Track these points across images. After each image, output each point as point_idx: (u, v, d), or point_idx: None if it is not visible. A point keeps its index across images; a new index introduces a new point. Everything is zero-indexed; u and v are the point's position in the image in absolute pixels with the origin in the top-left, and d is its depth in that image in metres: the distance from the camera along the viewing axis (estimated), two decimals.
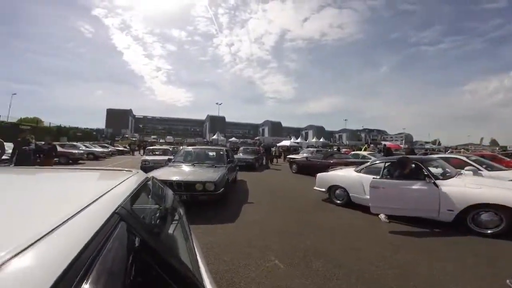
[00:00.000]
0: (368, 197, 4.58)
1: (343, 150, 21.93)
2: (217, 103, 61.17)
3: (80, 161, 15.16)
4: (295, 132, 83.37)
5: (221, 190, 5.10)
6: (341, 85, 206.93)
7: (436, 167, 5.03)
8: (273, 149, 19.20)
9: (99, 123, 73.73)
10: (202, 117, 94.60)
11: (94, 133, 44.77)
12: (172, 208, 1.56)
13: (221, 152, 7.45)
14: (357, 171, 5.73)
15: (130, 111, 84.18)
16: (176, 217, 1.49)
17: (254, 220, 4.46)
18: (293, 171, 12.53)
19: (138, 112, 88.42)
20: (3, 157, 5.70)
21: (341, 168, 6.84)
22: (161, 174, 5.18)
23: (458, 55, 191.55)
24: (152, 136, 65.35)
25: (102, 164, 15.51)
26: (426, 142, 65.60)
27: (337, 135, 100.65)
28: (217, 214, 4.66)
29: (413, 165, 4.52)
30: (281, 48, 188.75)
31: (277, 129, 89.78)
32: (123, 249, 0.57)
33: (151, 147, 15.66)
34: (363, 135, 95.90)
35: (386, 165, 4.88)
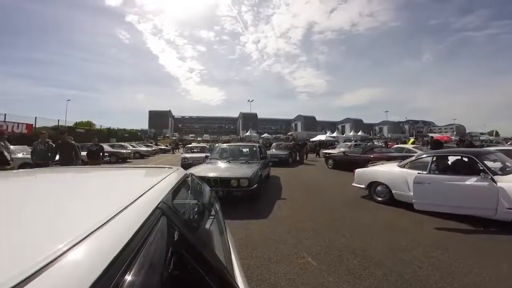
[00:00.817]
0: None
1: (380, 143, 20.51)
2: (248, 100, 61.73)
3: (128, 160, 16.67)
4: (331, 126, 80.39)
5: (255, 186, 5.20)
6: (379, 76, 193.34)
7: (494, 161, 4.46)
8: (308, 144, 18.79)
9: (143, 124, 79.83)
10: (235, 114, 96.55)
11: (139, 133, 48.69)
12: (209, 204, 1.65)
13: (254, 149, 7.57)
14: (400, 166, 5.35)
15: (169, 112, 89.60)
16: (213, 212, 1.57)
17: (287, 216, 4.46)
18: (329, 167, 12.16)
19: (176, 113, 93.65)
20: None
21: (382, 163, 6.45)
22: (199, 170, 5.45)
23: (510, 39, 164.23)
24: (190, 135, 68.93)
25: (147, 162, 16.89)
26: (482, 134, 58.00)
27: (377, 128, 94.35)
28: (250, 210, 4.76)
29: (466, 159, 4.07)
30: (309, 41, 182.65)
31: (310, 123, 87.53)
32: (163, 241, 0.60)
33: (189, 145, 16.52)
34: (406, 127, 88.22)
35: (434, 159, 4.47)
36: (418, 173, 4.39)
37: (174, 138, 49.81)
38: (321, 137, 37.46)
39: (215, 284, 0.69)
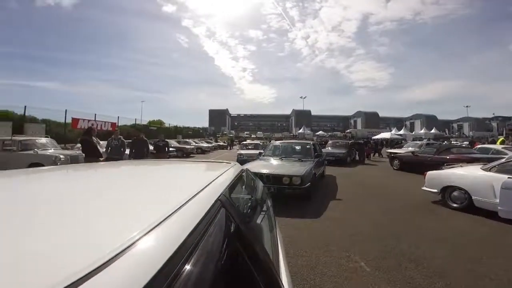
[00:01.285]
0: None
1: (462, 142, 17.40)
2: (301, 97, 60.36)
3: (192, 155, 18.40)
4: (396, 122, 72.09)
5: (307, 184, 5.12)
6: (453, 68, 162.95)
7: None
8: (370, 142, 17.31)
9: (205, 122, 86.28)
10: (287, 112, 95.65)
11: (201, 131, 53.06)
12: (261, 199, 1.71)
13: (307, 146, 7.41)
14: (485, 169, 4.54)
15: (226, 111, 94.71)
16: (265, 208, 1.63)
17: (342, 218, 4.26)
18: (394, 168, 11.00)
19: (232, 111, 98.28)
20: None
21: (461, 166, 5.54)
22: (253, 166, 5.61)
23: None
24: (245, 132, 71.57)
25: (207, 156, 18.33)
26: None
27: (455, 125, 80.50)
28: (302, 208, 4.70)
29: None
30: (366, 33, 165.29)
31: (372, 120, 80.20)
32: (221, 233, 0.62)
33: (244, 142, 17.23)
34: (494, 124, 72.44)
35: None
36: (509, 177, 3.81)
37: (231, 135, 52.55)
38: (385, 135, 34.06)
39: (260, 278, 0.70)
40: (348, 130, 55.44)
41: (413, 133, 44.90)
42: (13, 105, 14.44)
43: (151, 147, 8.37)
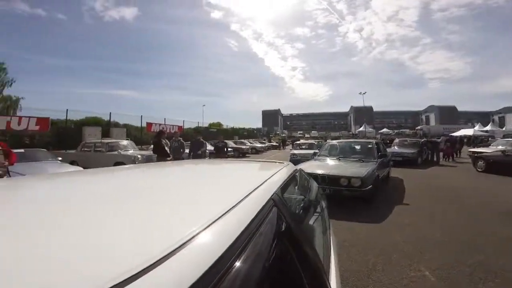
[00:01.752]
0: None
1: None
2: (360, 93, 55.46)
3: (247, 155, 19.11)
4: (480, 117, 60.10)
5: (369, 187, 4.69)
6: None
7: None
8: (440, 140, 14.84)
9: (258, 122, 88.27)
10: (343, 109, 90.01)
11: (255, 131, 54.54)
12: (315, 200, 1.65)
13: (369, 146, 6.81)
14: None
15: (278, 111, 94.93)
16: (318, 209, 1.56)
17: (407, 224, 3.77)
18: (478, 170, 9.20)
19: (285, 111, 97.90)
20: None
21: None
22: (307, 167, 5.45)
23: None
24: (299, 132, 70.36)
25: (261, 156, 18.76)
26: None
27: None
28: (361, 212, 4.35)
29: None
30: (430, 21, 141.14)
31: (448, 115, 68.76)
32: (271, 232, 0.62)
33: (298, 142, 16.95)
34: None
35: None
36: None
37: (283, 135, 52.46)
38: (467, 132, 28.82)
39: (307, 280, 0.69)
40: (419, 127, 48.65)
41: (504, 129, 36.67)
42: (101, 112, 17.81)
43: (211, 147, 8.94)
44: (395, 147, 12.93)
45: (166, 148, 7.01)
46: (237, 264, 0.41)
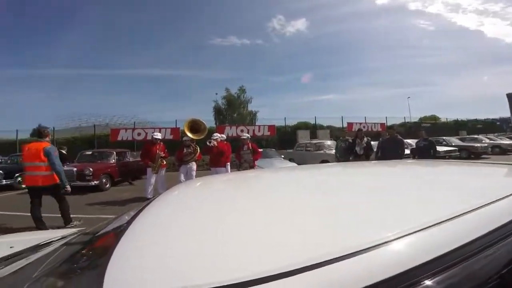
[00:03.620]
0: None
1: None
2: None
3: (483, 155, 13.41)
4: None
5: None
6: None
7: None
8: None
9: (500, 110, 59.12)
10: None
11: (497, 123, 37.52)
12: None
13: None
14: None
15: None
16: None
17: None
18: None
19: None
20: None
21: None
22: None
23: None
24: None
25: (510, 159, 12.48)
26: None
27: None
28: None
29: None
30: None
31: None
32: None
33: None
34: None
35: None
36: None
37: None
38: None
39: None
40: None
41: None
42: (308, 117, 21.23)
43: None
44: None
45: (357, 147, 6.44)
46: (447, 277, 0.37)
